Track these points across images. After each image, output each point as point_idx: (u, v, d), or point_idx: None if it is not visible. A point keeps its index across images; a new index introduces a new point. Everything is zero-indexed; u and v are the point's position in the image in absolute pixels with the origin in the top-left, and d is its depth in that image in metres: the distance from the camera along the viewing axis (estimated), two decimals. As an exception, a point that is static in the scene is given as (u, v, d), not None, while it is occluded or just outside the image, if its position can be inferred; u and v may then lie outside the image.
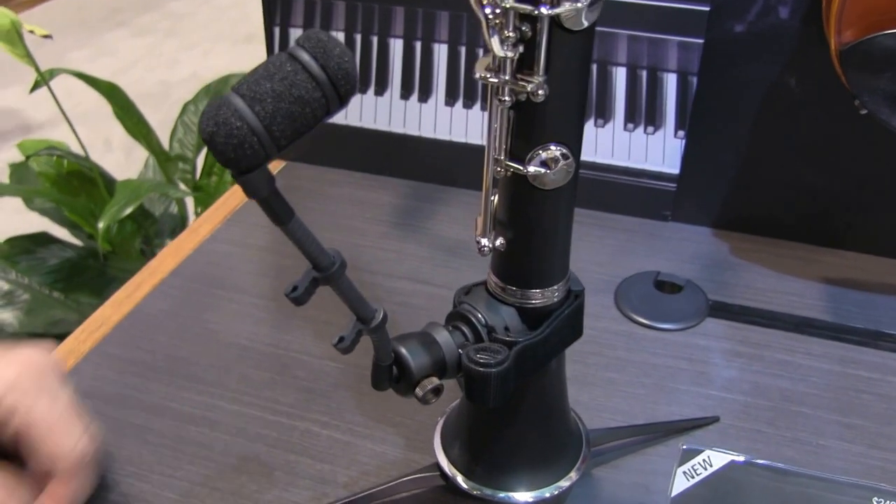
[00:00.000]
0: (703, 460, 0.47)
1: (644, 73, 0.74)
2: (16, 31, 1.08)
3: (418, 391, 0.42)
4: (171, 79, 3.25)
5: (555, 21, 0.36)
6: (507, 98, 0.39)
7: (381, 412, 0.59)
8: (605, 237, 0.78)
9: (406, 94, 0.83)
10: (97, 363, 0.64)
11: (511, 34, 0.37)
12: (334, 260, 0.36)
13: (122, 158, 2.48)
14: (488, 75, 0.39)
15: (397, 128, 0.84)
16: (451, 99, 0.82)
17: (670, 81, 0.74)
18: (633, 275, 0.72)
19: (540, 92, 0.38)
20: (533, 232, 0.43)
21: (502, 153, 0.41)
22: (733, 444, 0.57)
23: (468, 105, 0.81)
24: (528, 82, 0.37)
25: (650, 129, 0.76)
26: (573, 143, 0.40)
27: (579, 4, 0.36)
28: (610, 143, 0.77)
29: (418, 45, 0.80)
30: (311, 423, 0.58)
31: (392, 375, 0.42)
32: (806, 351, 0.65)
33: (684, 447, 0.47)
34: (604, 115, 0.77)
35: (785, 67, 0.70)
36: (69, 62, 3.25)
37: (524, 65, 0.38)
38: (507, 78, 0.38)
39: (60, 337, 1.31)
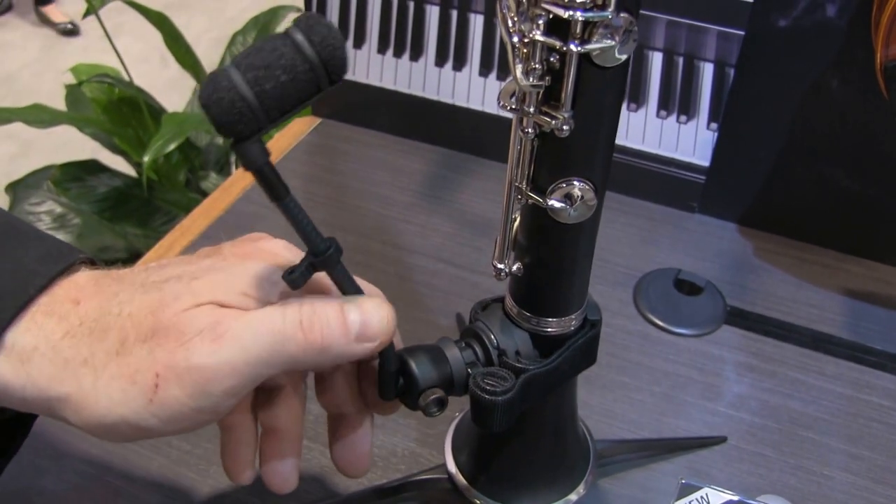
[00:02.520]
0: (701, 497, 0.43)
1: (681, 61, 0.67)
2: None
3: (421, 401, 0.38)
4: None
5: (585, 58, 0.30)
6: (529, 130, 0.33)
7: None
8: (630, 224, 0.72)
9: (441, 61, 0.76)
10: None
11: (537, 66, 0.31)
12: (330, 244, 0.32)
13: (177, 75, 2.43)
14: (511, 104, 0.33)
15: (431, 94, 0.78)
16: (485, 69, 0.76)
17: (707, 71, 0.67)
18: (654, 271, 0.67)
19: (565, 128, 0.32)
20: (550, 263, 0.37)
21: (524, 181, 0.36)
22: (736, 466, 0.53)
23: (502, 77, 0.75)
24: (554, 117, 0.32)
25: (683, 117, 0.69)
26: (598, 180, 0.34)
27: (611, 42, 0.30)
28: (641, 129, 0.71)
29: (454, 13, 0.74)
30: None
31: (397, 384, 0.38)
32: (820, 370, 0.60)
33: (683, 482, 0.43)
34: (637, 99, 0.70)
35: (827, 68, 0.63)
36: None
37: (551, 96, 0.32)
38: (531, 110, 0.32)
39: (109, 262, 1.29)
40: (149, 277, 0.32)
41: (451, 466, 0.46)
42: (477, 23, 0.74)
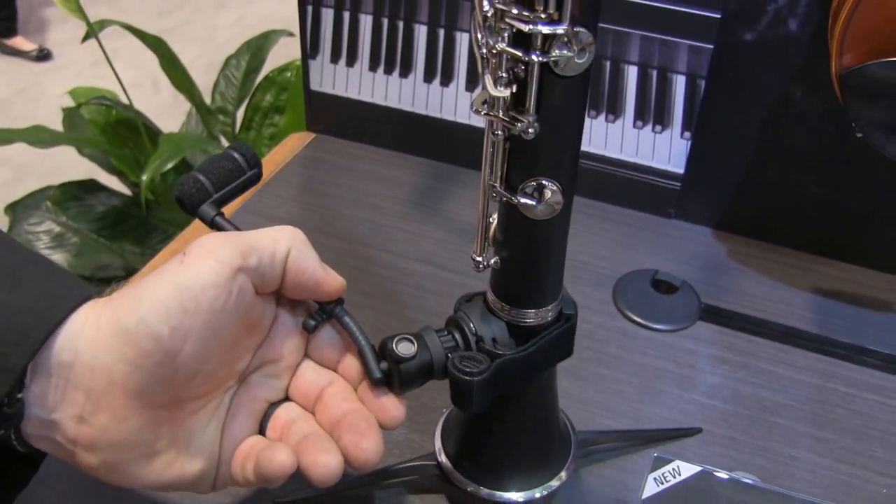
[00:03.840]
0: (673, 469, 0.47)
1: (654, 74, 0.72)
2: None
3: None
4: (217, 21, 3.23)
5: (546, 66, 0.35)
6: (499, 132, 0.38)
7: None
8: (610, 230, 0.77)
9: (429, 77, 0.82)
10: None
11: (504, 75, 0.36)
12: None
13: (169, 100, 2.49)
14: (483, 109, 0.38)
15: (420, 109, 0.83)
16: (471, 85, 0.81)
17: (679, 83, 0.72)
18: (633, 271, 0.71)
19: (530, 130, 0.37)
20: (523, 257, 0.42)
21: (497, 180, 0.40)
22: (709, 449, 0.57)
23: (479, 111, 0.80)
24: (520, 121, 0.37)
25: (658, 127, 0.74)
26: (564, 180, 0.39)
27: (569, 52, 0.35)
28: (619, 139, 0.76)
29: (442, 32, 0.79)
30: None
31: (379, 365, 0.42)
32: (789, 362, 0.64)
33: (656, 455, 0.47)
34: (614, 110, 0.75)
35: (792, 78, 0.68)
36: (121, 2, 3.24)
37: (518, 102, 0.37)
38: (499, 115, 0.37)
39: (106, 281, 1.33)
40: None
41: (441, 455, 0.51)
42: (463, 41, 0.79)
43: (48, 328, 0.34)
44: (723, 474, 0.46)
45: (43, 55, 2.95)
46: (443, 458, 0.50)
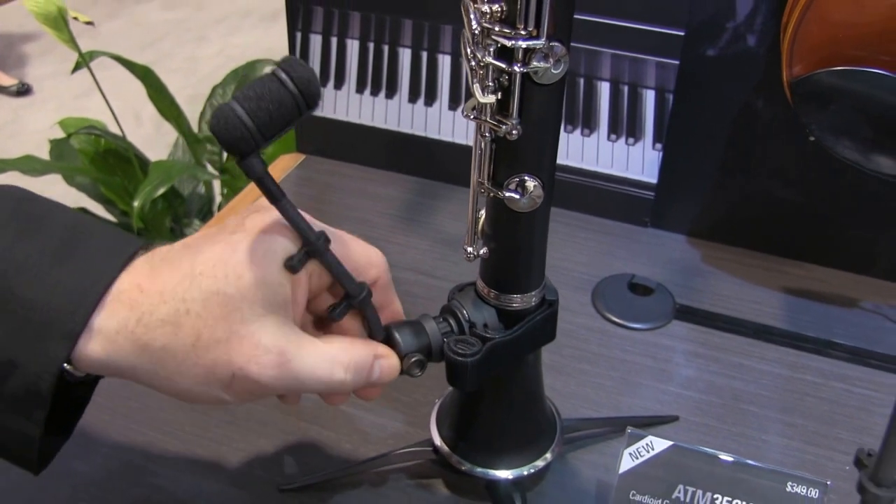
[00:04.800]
0: (646, 444, 0.52)
1: (626, 89, 0.78)
2: (62, 17, 1.12)
3: (404, 363, 0.47)
4: (199, 54, 3.29)
5: (526, 76, 0.41)
6: (487, 134, 0.43)
7: (383, 389, 0.64)
8: (589, 238, 0.82)
9: (413, 98, 0.87)
10: None
11: (490, 84, 0.41)
12: (319, 236, 0.41)
13: (151, 132, 2.53)
14: (473, 114, 0.43)
15: (406, 128, 0.89)
16: (453, 104, 0.86)
17: (649, 97, 0.78)
18: (610, 276, 0.77)
19: (514, 132, 0.42)
20: (509, 246, 0.47)
21: (485, 177, 0.46)
22: (685, 435, 0.62)
23: (468, 116, 0.85)
24: (504, 123, 0.42)
25: (631, 140, 0.80)
26: (545, 176, 0.44)
27: (546, 64, 0.40)
28: (595, 152, 0.82)
29: (424, 54, 0.84)
30: (317, 398, 0.63)
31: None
32: (761, 356, 0.70)
33: (630, 431, 0.52)
34: (589, 125, 0.81)
35: (752, 89, 0.74)
36: (102, 35, 3.30)
37: (502, 107, 0.42)
38: (486, 118, 0.43)
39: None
40: (195, 265, 0.41)
41: (436, 438, 0.55)
42: (445, 63, 0.84)
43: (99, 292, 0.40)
44: (693, 447, 0.51)
45: (24, 90, 2.99)
46: (438, 442, 0.55)
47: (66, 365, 0.40)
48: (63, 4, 1.14)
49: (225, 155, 1.56)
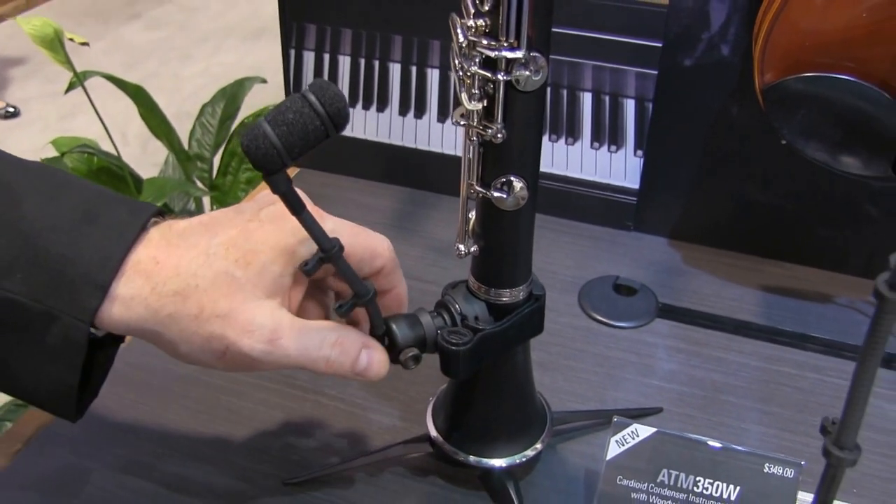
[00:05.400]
0: (632, 431, 0.56)
1: (607, 99, 0.83)
2: (58, 39, 1.16)
3: (401, 357, 0.51)
4: (183, 73, 3.33)
5: (509, 84, 0.45)
6: (475, 139, 0.47)
7: (379, 388, 0.68)
8: (574, 243, 0.86)
9: (404, 111, 0.91)
10: (141, 344, 0.71)
11: (477, 91, 0.45)
12: (334, 244, 0.45)
13: (137, 151, 2.57)
14: (461, 120, 0.47)
15: (396, 140, 0.93)
16: (442, 116, 0.90)
17: (630, 106, 0.82)
18: (595, 278, 0.81)
19: (499, 136, 0.46)
20: (497, 243, 0.51)
21: (474, 178, 0.50)
22: (669, 425, 0.65)
23: (457, 122, 0.90)
24: (490, 128, 0.46)
25: (613, 147, 0.84)
26: (529, 176, 0.48)
27: (527, 72, 0.44)
28: (579, 160, 0.86)
29: (414, 69, 0.89)
30: (321, 396, 0.67)
31: (383, 344, 0.51)
32: (739, 349, 0.74)
33: (616, 419, 0.56)
34: (573, 134, 0.85)
35: (727, 97, 0.78)
36: (87, 55, 3.34)
37: (488, 113, 0.46)
38: (474, 124, 0.47)
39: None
40: (210, 245, 0.46)
41: (432, 430, 0.59)
42: (433, 76, 0.88)
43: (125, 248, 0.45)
44: (676, 432, 0.55)
45: (11, 113, 3.03)
46: (434, 433, 0.58)
47: None
48: (59, 27, 1.17)
49: (214, 172, 1.60)
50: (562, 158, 0.86)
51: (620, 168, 0.85)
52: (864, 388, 0.34)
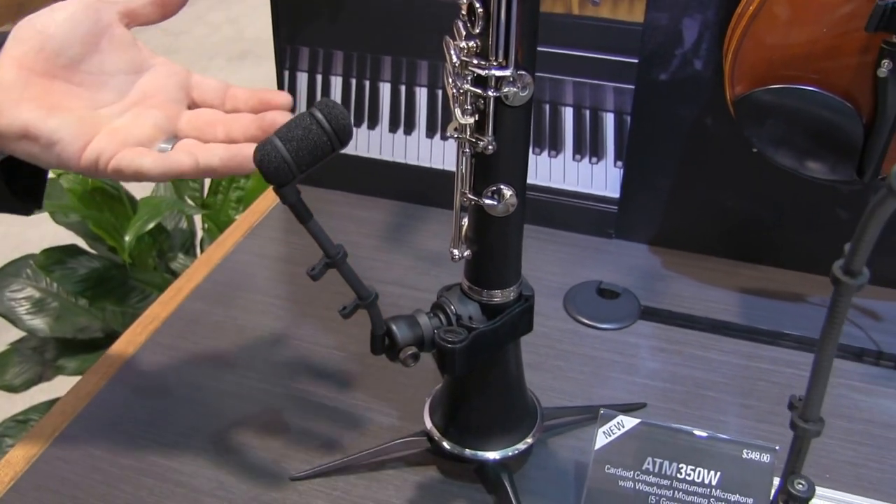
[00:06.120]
0: (617, 422, 0.59)
1: (587, 113, 0.87)
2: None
3: (401, 355, 0.54)
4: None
5: (499, 100, 0.49)
6: (467, 150, 0.51)
7: (377, 389, 0.72)
8: (559, 251, 0.90)
9: (394, 128, 0.95)
10: (152, 350, 0.76)
11: (469, 107, 0.49)
12: (339, 251, 0.49)
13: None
14: (455, 134, 0.51)
15: (387, 156, 0.97)
16: (430, 132, 0.94)
17: (609, 120, 0.86)
18: (580, 283, 0.85)
19: (489, 147, 0.50)
20: (489, 247, 0.55)
21: (467, 187, 0.53)
22: (652, 419, 0.69)
23: (445, 138, 0.94)
24: (482, 140, 0.50)
25: (594, 159, 0.89)
26: (517, 184, 0.52)
27: (515, 89, 0.48)
28: (562, 171, 0.90)
29: (403, 88, 0.93)
30: (322, 398, 0.71)
31: (384, 343, 0.55)
32: (719, 348, 0.78)
33: (602, 412, 0.59)
34: (556, 147, 0.89)
35: (701, 109, 0.83)
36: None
37: (480, 127, 0.50)
38: (467, 137, 0.51)
39: (87, 342, 1.41)
40: None
41: (429, 427, 0.63)
42: (422, 95, 0.92)
43: None
44: (660, 422, 0.59)
45: None
46: (431, 429, 0.62)
47: None
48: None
49: (206, 191, 1.63)
50: (545, 170, 0.90)
51: (601, 178, 0.89)
52: (825, 365, 0.38)
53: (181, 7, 0.57)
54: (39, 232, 1.98)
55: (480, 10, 0.47)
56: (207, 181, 1.61)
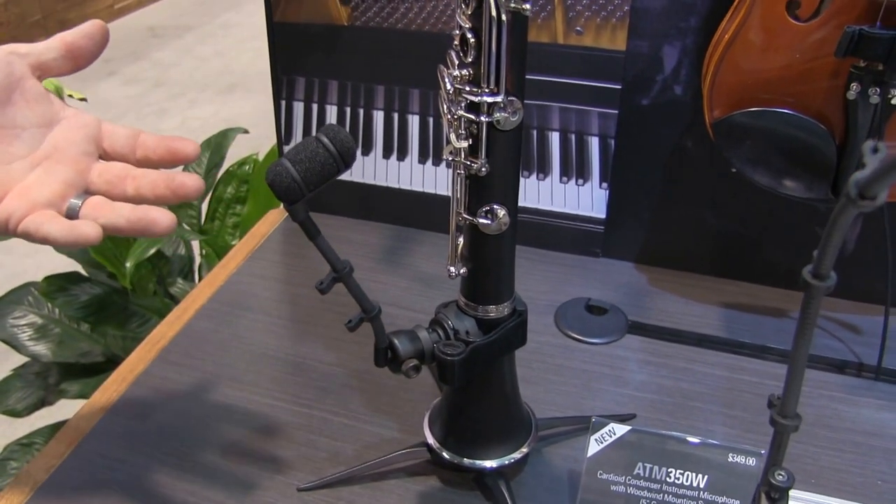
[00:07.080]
0: (609, 430, 0.62)
1: (573, 137, 0.90)
2: (59, 96, 1.21)
3: (403, 367, 0.57)
4: (161, 127, 3.39)
5: (491, 124, 0.51)
6: (462, 172, 0.54)
7: (379, 404, 0.74)
8: (548, 270, 0.93)
9: (387, 154, 0.98)
10: (161, 367, 0.78)
11: (463, 131, 0.52)
12: (345, 265, 0.51)
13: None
14: (450, 157, 0.54)
15: (381, 181, 0.99)
16: (423, 158, 0.97)
17: (594, 143, 0.89)
18: (569, 300, 0.87)
19: (483, 170, 0.53)
20: (484, 264, 0.57)
21: (462, 208, 0.56)
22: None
23: (437, 163, 0.96)
24: (475, 163, 0.53)
25: (580, 181, 0.91)
26: (510, 204, 0.55)
27: (506, 114, 0.51)
28: (549, 193, 0.93)
29: (396, 115, 0.95)
30: (326, 412, 0.73)
31: (386, 356, 0.57)
32: (704, 361, 0.80)
33: (594, 419, 0.62)
34: (544, 170, 0.92)
35: (682, 131, 0.86)
36: (73, 113, 3.38)
37: (473, 150, 0.53)
38: (461, 160, 0.53)
39: (89, 367, 1.43)
40: None
41: (429, 439, 0.65)
42: (414, 122, 0.95)
43: None
44: (650, 429, 0.61)
45: None
46: (431, 440, 0.64)
47: None
48: (60, 84, 1.23)
49: (203, 217, 1.65)
50: (534, 192, 0.93)
51: (588, 200, 0.92)
52: (800, 364, 0.41)
53: (93, 60, 0.57)
54: (36, 261, 2.01)
55: (472, 40, 0.50)
56: (204, 208, 1.63)
